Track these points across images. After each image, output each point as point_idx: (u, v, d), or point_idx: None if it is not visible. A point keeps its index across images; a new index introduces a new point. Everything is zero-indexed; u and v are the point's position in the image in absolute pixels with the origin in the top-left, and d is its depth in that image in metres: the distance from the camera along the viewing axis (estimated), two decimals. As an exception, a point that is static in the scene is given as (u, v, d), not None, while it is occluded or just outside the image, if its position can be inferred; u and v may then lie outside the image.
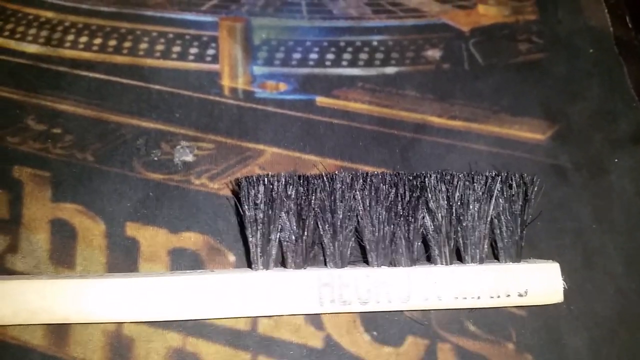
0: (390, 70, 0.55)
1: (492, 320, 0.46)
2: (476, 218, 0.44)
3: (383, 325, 0.46)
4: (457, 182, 0.44)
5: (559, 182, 0.51)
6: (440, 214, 0.43)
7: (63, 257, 0.46)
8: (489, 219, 0.44)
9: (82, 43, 0.54)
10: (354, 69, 0.55)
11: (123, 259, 0.46)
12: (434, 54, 0.56)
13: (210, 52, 0.54)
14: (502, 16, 0.58)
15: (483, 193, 0.44)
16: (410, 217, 0.43)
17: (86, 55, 0.54)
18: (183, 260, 0.47)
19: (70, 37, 0.54)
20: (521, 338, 0.46)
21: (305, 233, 0.43)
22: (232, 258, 0.47)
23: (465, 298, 0.43)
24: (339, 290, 0.42)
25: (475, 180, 0.44)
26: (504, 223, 0.44)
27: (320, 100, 0.53)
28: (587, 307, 0.47)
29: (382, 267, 0.44)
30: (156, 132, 0.51)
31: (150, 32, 0.55)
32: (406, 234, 0.43)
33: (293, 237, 0.43)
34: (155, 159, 0.50)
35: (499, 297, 0.43)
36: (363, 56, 0.55)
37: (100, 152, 0.50)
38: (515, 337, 0.46)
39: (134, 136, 0.51)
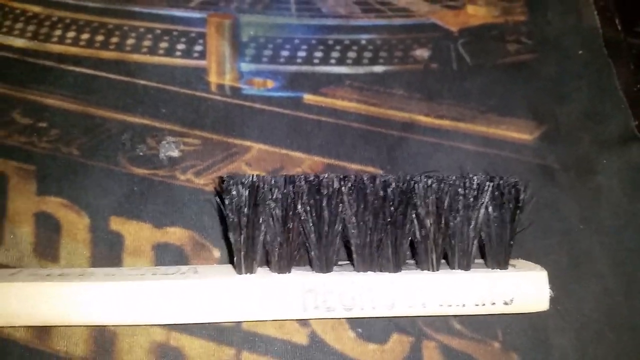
0: (378, 69, 0.55)
1: (478, 319, 0.46)
2: (465, 225, 0.43)
3: (368, 322, 0.46)
4: (447, 188, 0.43)
5: (546, 183, 0.51)
6: (428, 221, 0.43)
7: (47, 250, 0.46)
8: (478, 226, 0.43)
9: (69, 38, 0.54)
10: (342, 67, 0.55)
11: (107, 253, 0.46)
12: (422, 53, 0.56)
13: (198, 48, 0.54)
14: (491, 17, 0.58)
15: (473, 199, 0.43)
16: (397, 223, 0.42)
17: (73, 50, 0.54)
18: (167, 255, 0.46)
19: (58, 32, 0.54)
20: (507, 337, 0.46)
21: (290, 237, 0.43)
22: (217, 254, 0.47)
23: (450, 305, 0.42)
24: (323, 297, 0.42)
25: (465, 186, 0.43)
26: (493, 230, 0.44)
27: (308, 97, 0.53)
28: (573, 307, 0.47)
29: (368, 272, 0.43)
30: (142, 127, 0.51)
31: (137, 28, 0.55)
32: (393, 240, 0.43)
33: (277, 242, 0.42)
34: (141, 153, 0.50)
35: (484, 305, 0.43)
36: (351, 54, 0.55)
37: (85, 147, 0.49)
38: (501, 336, 0.46)
39: (119, 131, 0.50)
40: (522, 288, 0.43)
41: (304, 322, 0.45)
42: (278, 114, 0.52)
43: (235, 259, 0.42)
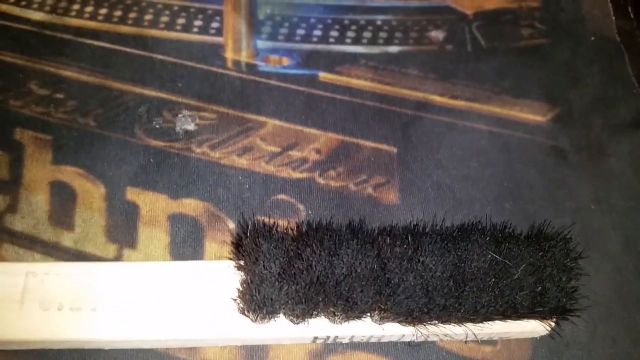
0: (393, 49, 0.55)
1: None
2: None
3: None
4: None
5: (558, 163, 0.51)
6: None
7: (62, 218, 0.46)
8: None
9: (87, 12, 0.55)
10: (357, 46, 0.55)
11: (123, 222, 0.46)
12: (437, 35, 0.56)
13: (215, 25, 0.55)
14: (505, 1, 0.59)
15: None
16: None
17: (91, 24, 0.54)
18: (182, 225, 0.46)
19: (76, 7, 0.55)
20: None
21: (306, 300, 0.40)
22: (231, 225, 0.47)
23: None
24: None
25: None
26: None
27: (323, 75, 0.53)
28: (584, 285, 0.47)
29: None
30: (158, 100, 0.51)
31: (155, 4, 0.55)
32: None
33: (294, 304, 0.40)
34: (157, 126, 0.50)
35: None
36: (366, 34, 0.56)
37: (102, 118, 0.50)
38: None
39: (136, 103, 0.51)
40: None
41: None
42: (293, 90, 0.52)
43: (249, 308, 0.40)
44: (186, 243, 0.46)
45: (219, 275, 0.42)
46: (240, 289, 0.41)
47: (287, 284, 0.39)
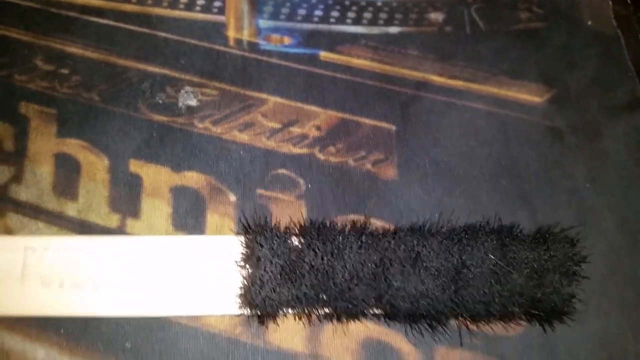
0: (393, 29, 0.56)
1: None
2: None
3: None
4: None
5: (554, 143, 0.52)
6: None
7: (66, 189, 0.47)
8: None
9: (92, -9, 0.55)
10: (357, 27, 0.56)
11: (126, 192, 0.47)
12: (436, 16, 0.57)
13: (217, 4, 0.56)
14: (504, -15, 0.59)
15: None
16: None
17: (96, 2, 0.55)
18: (184, 197, 0.47)
19: (81, -15, 0.55)
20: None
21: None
22: (232, 198, 0.48)
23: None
24: None
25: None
26: None
27: (324, 54, 0.54)
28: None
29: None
30: (161, 76, 0.52)
31: (159, -17, 0.56)
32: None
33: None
34: (160, 101, 0.51)
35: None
36: (367, 15, 0.56)
37: (106, 93, 0.51)
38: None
39: (139, 79, 0.52)
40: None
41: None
42: (294, 69, 0.53)
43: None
44: (188, 214, 0.47)
45: (221, 250, 0.43)
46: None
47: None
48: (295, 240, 0.43)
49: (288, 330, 0.44)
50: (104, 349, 0.42)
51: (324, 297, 0.41)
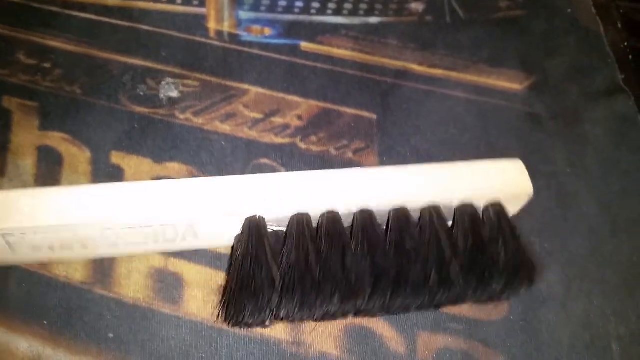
0: (373, 20, 0.56)
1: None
2: None
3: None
4: None
5: (534, 129, 0.53)
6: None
7: (49, 181, 0.47)
8: None
9: (73, -14, 0.55)
10: (338, 17, 0.56)
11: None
12: (417, 6, 0.58)
13: (198, -4, 0.56)
14: (483, -26, 0.60)
15: None
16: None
17: (77, -4, 0.55)
18: (166, 188, 0.47)
19: (63, -20, 0.56)
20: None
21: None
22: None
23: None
24: None
25: None
26: None
27: (305, 45, 0.54)
28: (560, 244, 0.48)
29: None
30: (143, 69, 0.52)
31: (140, -23, 0.56)
32: None
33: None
34: (141, 93, 0.51)
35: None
36: (347, 6, 0.57)
37: (87, 86, 0.51)
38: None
39: (120, 72, 0.52)
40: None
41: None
42: (275, 59, 0.54)
43: None
44: (170, 204, 0.47)
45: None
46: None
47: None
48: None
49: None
50: (87, 339, 0.42)
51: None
